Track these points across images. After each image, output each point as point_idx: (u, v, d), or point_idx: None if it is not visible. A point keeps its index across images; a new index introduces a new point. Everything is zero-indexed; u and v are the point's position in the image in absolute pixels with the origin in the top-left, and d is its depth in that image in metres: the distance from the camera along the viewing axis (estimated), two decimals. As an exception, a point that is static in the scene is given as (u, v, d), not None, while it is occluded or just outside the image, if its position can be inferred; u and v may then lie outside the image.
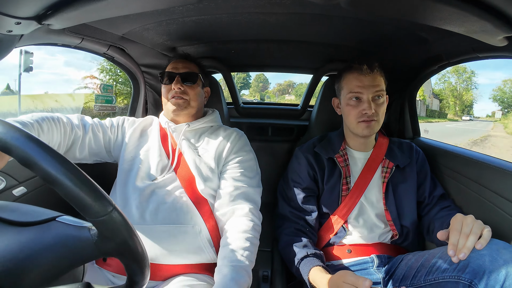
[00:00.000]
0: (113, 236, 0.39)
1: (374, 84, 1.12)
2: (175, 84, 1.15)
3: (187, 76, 1.18)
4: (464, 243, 0.81)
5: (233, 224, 1.01)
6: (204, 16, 1.09)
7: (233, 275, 0.83)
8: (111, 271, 0.99)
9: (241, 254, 0.90)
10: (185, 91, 1.16)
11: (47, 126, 0.91)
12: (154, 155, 1.11)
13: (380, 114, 1.14)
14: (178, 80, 1.16)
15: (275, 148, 1.90)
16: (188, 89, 1.17)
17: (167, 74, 1.19)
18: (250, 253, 0.92)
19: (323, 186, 1.20)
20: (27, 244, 0.45)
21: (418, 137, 1.61)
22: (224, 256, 0.90)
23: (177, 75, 1.17)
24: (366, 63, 1.13)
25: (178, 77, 1.16)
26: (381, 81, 1.14)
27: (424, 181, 1.21)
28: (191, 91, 1.18)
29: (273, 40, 1.41)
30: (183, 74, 1.17)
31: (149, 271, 0.47)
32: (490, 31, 0.74)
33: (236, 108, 2.10)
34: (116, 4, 0.75)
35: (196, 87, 1.20)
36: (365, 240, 1.16)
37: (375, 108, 1.12)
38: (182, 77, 1.17)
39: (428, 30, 1.05)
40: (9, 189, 0.99)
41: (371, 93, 1.12)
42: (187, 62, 1.23)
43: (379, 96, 1.14)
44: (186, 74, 1.18)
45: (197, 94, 1.20)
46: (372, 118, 1.12)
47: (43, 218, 0.49)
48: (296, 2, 0.93)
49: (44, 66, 50.77)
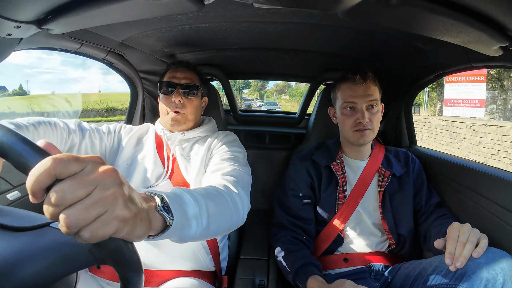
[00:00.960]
0: (107, 243, 0.39)
1: (367, 93, 1.14)
2: (176, 97, 1.12)
3: (188, 88, 1.16)
4: (461, 252, 0.81)
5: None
6: (203, 24, 1.10)
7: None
8: (104, 278, 0.98)
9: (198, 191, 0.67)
10: (184, 104, 1.15)
11: (43, 130, 0.90)
12: (149, 163, 1.10)
13: (375, 123, 1.15)
14: (178, 92, 1.13)
15: (273, 156, 1.90)
16: (187, 102, 1.15)
17: (167, 83, 1.16)
18: (210, 197, 0.69)
19: (320, 194, 1.20)
20: (20, 250, 0.44)
21: (415, 145, 1.62)
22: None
23: (177, 86, 1.14)
24: (359, 73, 1.15)
25: (179, 88, 1.14)
26: (375, 90, 1.16)
27: (420, 190, 1.21)
28: (190, 104, 1.16)
29: (271, 48, 1.43)
30: (183, 86, 1.15)
31: (143, 278, 0.47)
32: (485, 41, 0.76)
33: (234, 116, 2.10)
34: (116, 11, 0.76)
35: (196, 99, 1.18)
36: (362, 249, 1.15)
37: (369, 117, 1.13)
38: (182, 87, 1.15)
39: (424, 40, 1.07)
40: (3, 193, 0.98)
41: (365, 102, 1.14)
42: (187, 72, 1.20)
43: (373, 105, 1.15)
44: (187, 86, 1.16)
45: (195, 107, 1.18)
46: (366, 127, 1.13)
47: (36, 223, 0.48)
48: (295, 12, 0.94)
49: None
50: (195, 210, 0.58)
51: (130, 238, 0.40)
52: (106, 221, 0.36)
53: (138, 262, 0.44)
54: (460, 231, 0.85)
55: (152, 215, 0.46)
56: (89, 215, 0.35)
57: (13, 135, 0.38)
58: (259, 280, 1.10)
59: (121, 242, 0.40)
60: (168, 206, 0.50)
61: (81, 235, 0.35)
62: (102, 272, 0.98)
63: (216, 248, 1.11)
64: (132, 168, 1.09)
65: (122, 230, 0.38)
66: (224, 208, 0.72)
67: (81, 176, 0.35)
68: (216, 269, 1.11)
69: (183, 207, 0.54)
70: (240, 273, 1.13)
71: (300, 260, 1.03)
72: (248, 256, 1.23)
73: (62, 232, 0.35)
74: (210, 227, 0.64)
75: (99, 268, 0.99)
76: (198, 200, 0.61)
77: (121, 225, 0.37)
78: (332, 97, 1.28)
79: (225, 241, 1.22)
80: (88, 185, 0.35)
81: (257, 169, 1.90)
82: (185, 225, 0.55)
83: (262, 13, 0.96)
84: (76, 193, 0.34)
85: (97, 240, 0.36)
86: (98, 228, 0.35)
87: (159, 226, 0.48)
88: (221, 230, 0.72)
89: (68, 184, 0.34)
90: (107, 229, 0.36)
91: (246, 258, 1.22)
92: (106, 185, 0.37)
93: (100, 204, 0.36)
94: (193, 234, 0.58)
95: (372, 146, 1.27)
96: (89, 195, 0.35)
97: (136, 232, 0.40)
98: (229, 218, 0.73)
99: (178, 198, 0.55)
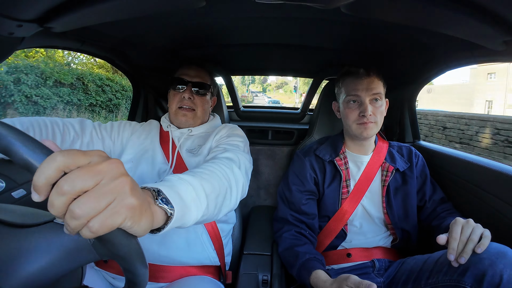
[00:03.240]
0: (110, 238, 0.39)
1: (371, 87, 1.13)
2: (186, 93, 1.14)
3: (199, 86, 1.18)
4: (464, 247, 0.81)
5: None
6: (205, 20, 1.09)
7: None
8: (111, 272, 0.99)
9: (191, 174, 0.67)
10: (194, 100, 1.16)
11: (45, 128, 0.91)
12: (154, 158, 1.11)
13: (378, 117, 1.15)
14: (189, 89, 1.15)
15: (275, 152, 1.90)
16: (198, 100, 1.17)
17: (178, 80, 1.17)
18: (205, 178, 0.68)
19: (323, 189, 1.20)
20: (24, 246, 0.45)
21: (418, 141, 1.62)
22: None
23: (189, 83, 1.16)
24: (363, 67, 1.15)
25: (190, 85, 1.16)
26: (378, 84, 1.15)
27: (423, 185, 1.21)
28: (200, 102, 1.18)
29: (273, 44, 1.42)
30: (195, 83, 1.17)
31: (148, 272, 0.47)
32: (489, 36, 0.75)
33: (237, 112, 2.10)
34: (117, 8, 0.76)
35: (205, 98, 1.20)
36: (365, 244, 1.16)
37: (373, 111, 1.13)
38: (193, 85, 1.17)
39: (428, 34, 1.06)
40: (8, 191, 0.99)
41: (368, 96, 1.13)
42: (199, 70, 1.22)
43: (376, 99, 1.14)
44: (198, 84, 1.18)
45: (205, 105, 1.20)
46: (369, 121, 1.13)
47: (40, 219, 0.49)
48: (297, 7, 0.93)
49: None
50: (192, 194, 0.58)
51: (135, 229, 0.40)
52: (115, 210, 0.36)
53: (142, 256, 0.44)
54: (463, 226, 0.85)
55: (153, 209, 0.46)
56: (100, 203, 0.35)
57: (17, 133, 0.38)
58: (262, 275, 1.11)
59: (125, 235, 0.40)
60: (167, 198, 0.50)
61: (91, 226, 0.35)
62: (109, 266, 0.99)
63: (220, 243, 1.12)
64: (136, 164, 1.10)
65: (129, 219, 0.38)
66: (219, 185, 0.72)
67: (89, 167, 0.36)
68: (220, 264, 1.12)
69: (180, 195, 0.54)
70: (244, 269, 1.14)
71: (304, 254, 1.04)
72: (252, 251, 1.24)
73: (69, 225, 0.35)
74: (210, 206, 0.64)
75: (106, 262, 1.01)
76: (193, 184, 0.61)
77: (129, 213, 0.38)
78: (336, 92, 1.28)
79: (229, 237, 1.23)
80: (96, 175, 0.36)
81: (260, 165, 1.90)
82: (186, 211, 0.55)
83: (264, 8, 0.95)
84: (85, 182, 0.35)
85: (105, 230, 0.36)
86: (107, 218, 0.35)
87: (161, 219, 0.48)
88: (222, 208, 0.72)
89: (77, 174, 0.35)
90: (116, 218, 0.36)
91: (249, 253, 1.23)
92: (113, 174, 0.37)
93: (110, 192, 0.36)
94: (194, 218, 0.58)
95: (375, 141, 1.27)
96: (98, 185, 0.36)
97: (141, 222, 0.40)
98: (225, 193, 0.74)
99: (174, 187, 0.54)
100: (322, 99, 1.56)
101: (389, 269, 1.09)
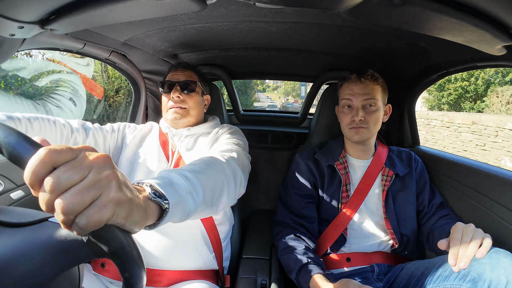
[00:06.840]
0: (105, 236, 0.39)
1: (364, 92, 1.14)
2: (174, 93, 1.16)
3: (186, 85, 1.19)
4: (465, 252, 0.81)
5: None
6: (206, 24, 1.10)
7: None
8: (108, 277, 0.98)
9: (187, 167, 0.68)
10: (184, 99, 1.17)
11: (39, 125, 0.90)
12: (154, 159, 1.11)
13: (371, 122, 1.15)
14: (177, 89, 1.17)
15: (275, 156, 1.90)
16: (187, 98, 1.18)
17: (167, 83, 1.20)
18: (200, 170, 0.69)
19: (323, 193, 1.20)
20: (19, 245, 0.44)
21: (417, 145, 1.62)
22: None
23: (176, 84, 1.18)
24: (356, 72, 1.17)
25: (177, 86, 1.18)
26: (373, 89, 1.15)
27: (423, 190, 1.21)
28: (190, 99, 1.19)
29: (273, 48, 1.43)
30: (182, 83, 1.19)
31: (145, 274, 0.47)
32: (488, 41, 0.75)
33: (236, 115, 2.10)
34: (119, 11, 0.76)
35: (195, 95, 1.21)
36: (365, 249, 1.15)
37: (364, 116, 1.13)
38: (181, 85, 1.18)
39: (427, 40, 1.06)
40: (6, 192, 0.99)
41: (361, 101, 1.14)
42: (186, 71, 1.24)
43: (370, 104, 1.15)
44: (185, 83, 1.19)
45: (196, 102, 1.21)
46: (360, 125, 1.14)
47: (35, 219, 0.48)
48: (297, 11, 0.94)
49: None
50: (187, 187, 0.58)
51: (127, 225, 0.39)
52: (101, 205, 0.36)
53: (138, 254, 0.43)
54: (463, 231, 0.84)
55: (146, 204, 0.45)
56: (84, 198, 0.34)
57: (6, 129, 0.38)
58: (261, 279, 1.10)
59: (118, 232, 0.40)
60: (160, 192, 0.50)
61: (78, 221, 0.34)
62: (106, 271, 0.99)
63: (219, 246, 1.11)
64: (136, 165, 1.10)
65: (118, 214, 0.37)
66: (215, 177, 0.72)
67: (75, 162, 0.35)
68: (219, 268, 1.11)
69: (174, 188, 0.54)
70: (242, 273, 1.13)
71: (303, 258, 1.03)
72: (251, 255, 1.23)
73: (59, 221, 0.35)
74: (206, 199, 0.64)
75: (103, 267, 1.00)
76: (187, 177, 0.61)
77: (117, 209, 0.37)
78: (337, 96, 1.29)
79: (228, 240, 1.22)
80: (82, 169, 0.35)
81: (260, 169, 1.90)
82: (182, 204, 0.55)
83: (264, 12, 0.96)
84: (71, 177, 0.34)
85: (94, 226, 0.36)
86: (94, 213, 0.35)
87: (155, 213, 0.48)
88: (219, 201, 0.72)
89: (63, 170, 0.34)
90: (103, 213, 0.35)
91: (248, 257, 1.22)
92: (100, 168, 0.37)
93: (95, 187, 0.35)
94: (193, 210, 0.58)
95: (375, 145, 1.27)
96: (83, 180, 0.35)
97: (133, 217, 0.40)
98: (221, 186, 0.74)
99: (167, 180, 0.54)
100: (322, 104, 1.56)
101: (389, 274, 1.08)
